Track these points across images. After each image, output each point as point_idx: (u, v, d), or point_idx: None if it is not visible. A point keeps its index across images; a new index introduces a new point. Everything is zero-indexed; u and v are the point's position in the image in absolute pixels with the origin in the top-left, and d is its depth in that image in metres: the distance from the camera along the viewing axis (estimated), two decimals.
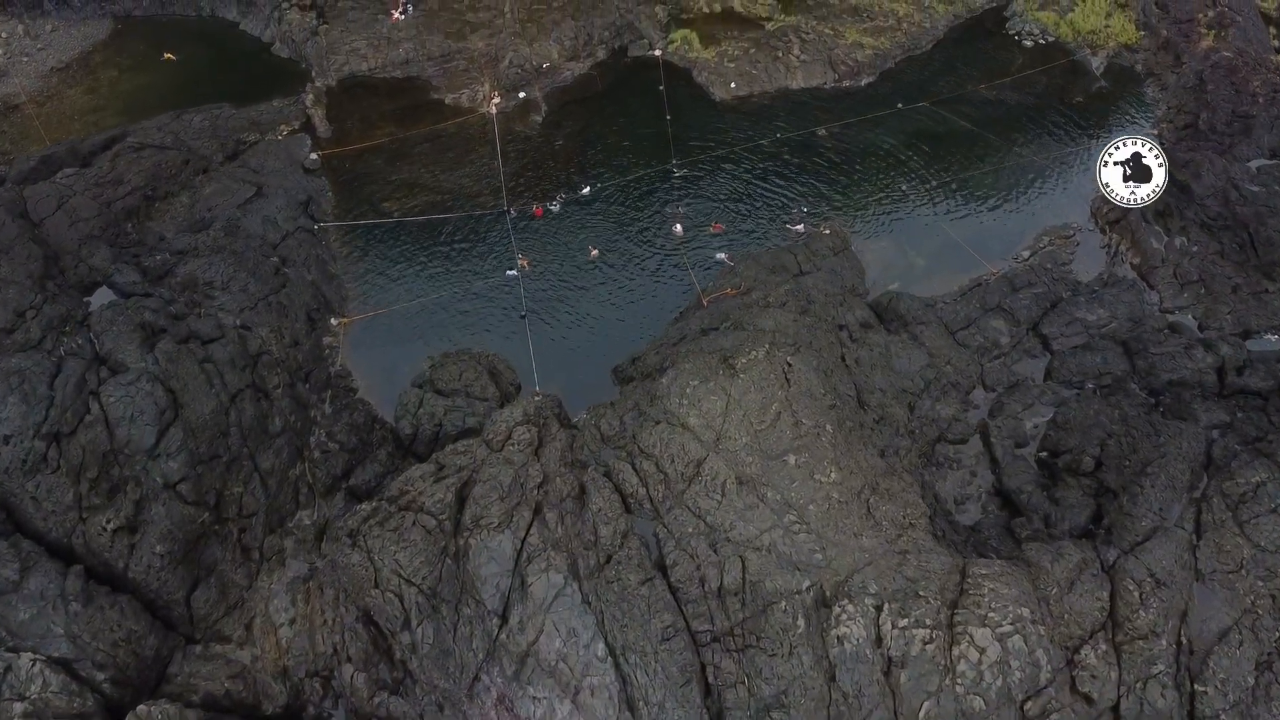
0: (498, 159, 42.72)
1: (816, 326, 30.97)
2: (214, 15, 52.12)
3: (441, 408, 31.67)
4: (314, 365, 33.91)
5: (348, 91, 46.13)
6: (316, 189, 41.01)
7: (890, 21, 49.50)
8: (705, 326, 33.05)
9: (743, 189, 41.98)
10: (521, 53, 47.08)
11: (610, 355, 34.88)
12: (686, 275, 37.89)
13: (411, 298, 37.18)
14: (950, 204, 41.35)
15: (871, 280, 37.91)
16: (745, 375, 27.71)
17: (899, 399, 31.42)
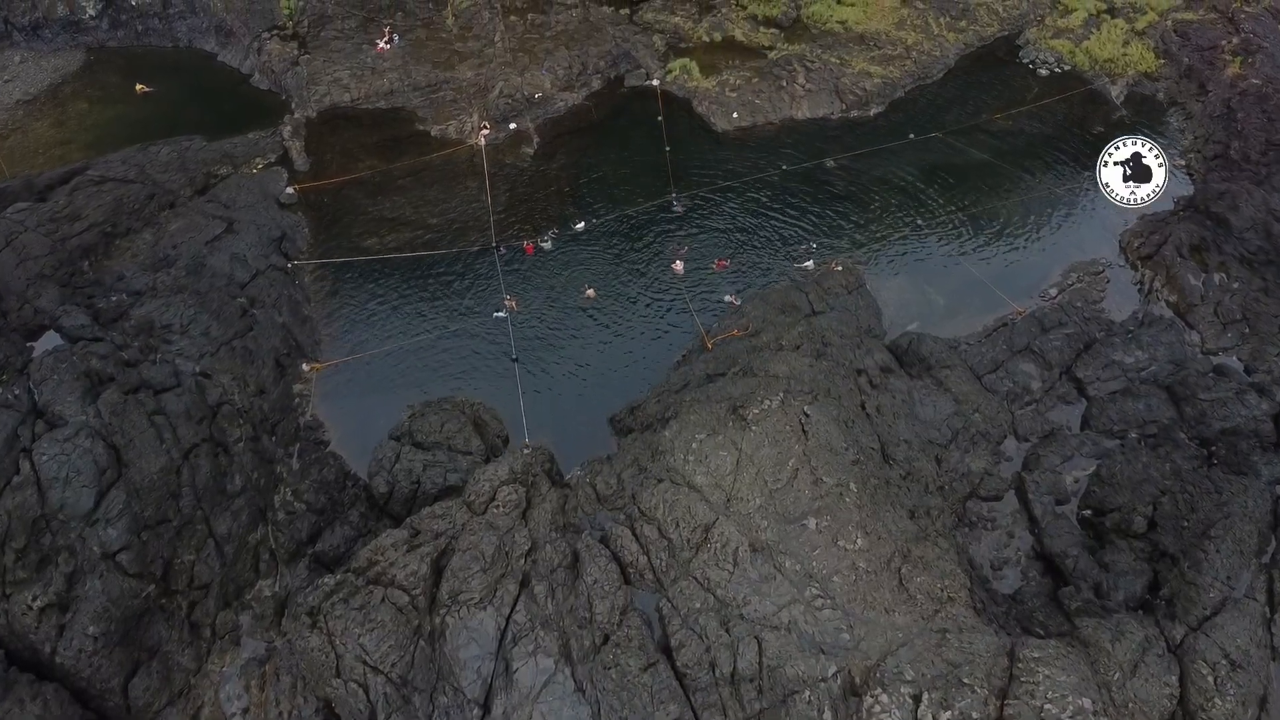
0: (486, 193, 40.14)
1: (834, 372, 28.10)
2: (191, 46, 49.88)
3: (420, 463, 28.61)
4: (281, 416, 30.91)
5: (328, 123, 43.67)
6: (291, 225, 38.29)
7: (899, 50, 47.36)
8: (711, 372, 30.17)
9: (747, 224, 39.37)
10: (512, 82, 44.74)
11: (606, 403, 31.94)
12: (689, 316, 35.11)
13: (391, 341, 34.29)
14: (969, 239, 38.75)
15: (888, 320, 35.15)
16: (758, 427, 24.76)
17: (925, 451, 28.46)
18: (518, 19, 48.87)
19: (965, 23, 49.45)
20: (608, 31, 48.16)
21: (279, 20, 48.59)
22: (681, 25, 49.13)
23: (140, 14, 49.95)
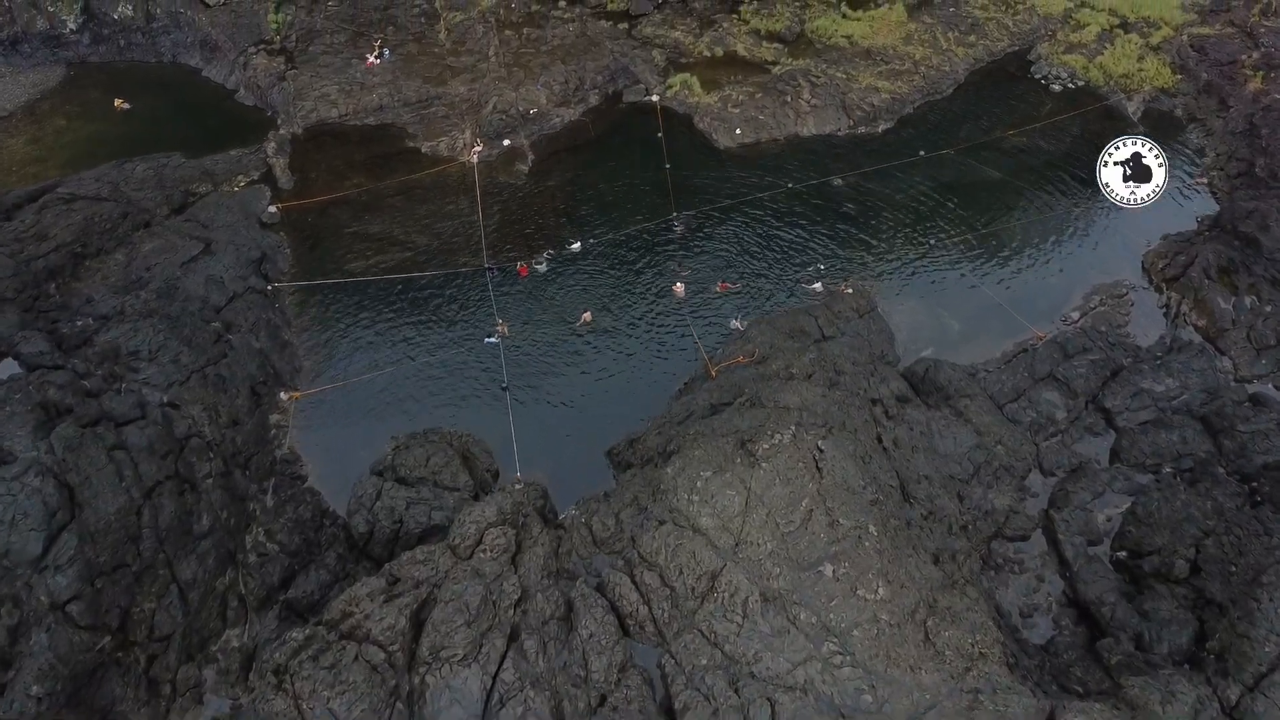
0: (478, 212, 38.33)
1: (848, 403, 26.14)
2: (175, 61, 48.25)
3: (403, 500, 26.56)
4: (256, 449, 28.88)
5: (314, 140, 41.92)
6: (272, 245, 36.42)
7: (907, 65, 45.77)
8: (715, 402, 28.20)
9: (751, 244, 37.54)
10: (506, 97, 43.05)
11: (604, 435, 29.94)
12: (691, 341, 33.20)
13: (375, 368, 32.32)
14: (984, 260, 36.92)
15: (902, 346, 33.24)
16: (768, 464, 22.76)
17: (947, 487, 26.46)
18: (513, 33, 47.33)
19: (974, 37, 47.93)
20: (605, 46, 46.57)
21: (266, 35, 47.10)
22: (682, 40, 47.56)
23: (123, 29, 48.36)
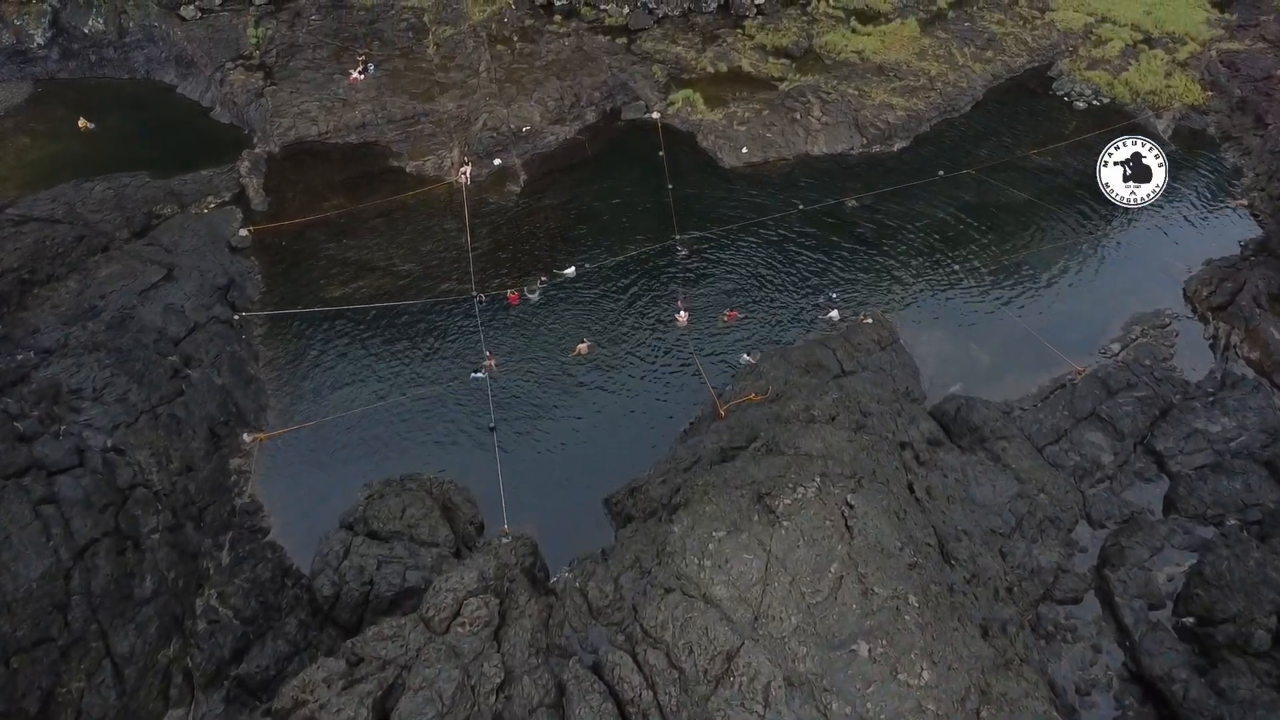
0: (466, 235, 35.54)
1: (877, 448, 23.18)
2: (149, 78, 45.57)
3: (375, 558, 23.50)
4: (212, 498, 25.87)
5: (292, 159, 39.21)
6: (242, 271, 33.58)
7: (922, 81, 43.26)
8: (726, 445, 25.26)
9: (760, 270, 34.75)
10: (497, 114, 40.43)
11: (601, 481, 26.99)
12: (697, 376, 30.32)
13: (350, 406, 29.37)
14: (1013, 287, 34.14)
15: (928, 381, 30.37)
16: (790, 523, 19.77)
17: (988, 544, 23.46)
18: (505, 48, 44.83)
19: (992, 53, 45.50)
20: (603, 61, 44.07)
21: (245, 50, 44.52)
22: (683, 55, 45.07)
23: (94, 43, 45.71)
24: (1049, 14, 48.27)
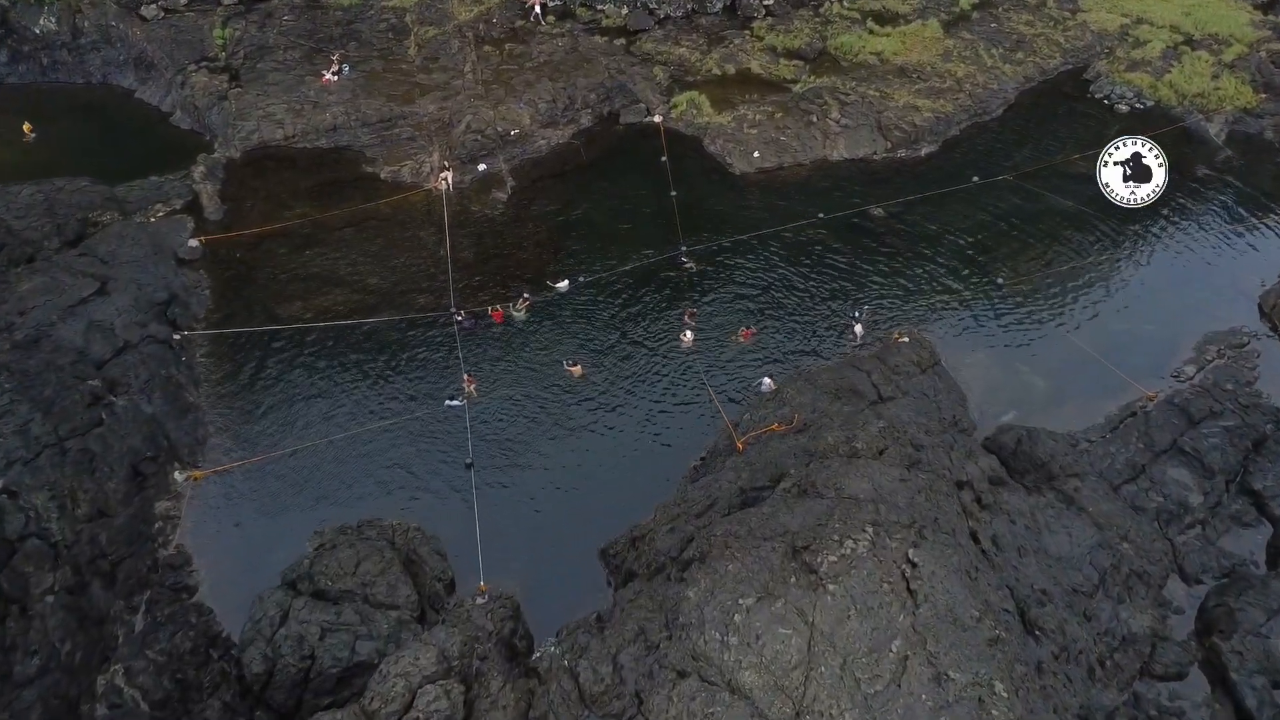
0: (445, 246, 31.51)
1: (935, 489, 18.92)
2: (105, 82, 41.76)
3: (318, 626, 19.14)
4: (129, 550, 21.53)
5: (254, 164, 35.29)
6: (187, 285, 29.50)
7: (948, 83, 39.59)
8: (747, 485, 21.00)
9: (777, 284, 30.71)
10: (483, 116, 36.59)
11: (597, 528, 22.72)
12: (706, 403, 26.17)
13: (306, 439, 25.14)
14: (1066, 304, 30.13)
15: (976, 408, 26.22)
16: (838, 587, 15.48)
17: (1072, 606, 19.14)
18: (493, 49, 41.14)
19: (1023, 54, 41.90)
20: (600, 63, 40.36)
21: (210, 51, 40.76)
22: (687, 57, 41.40)
23: (45, 45, 41.91)
24: (1080, 15, 44.78)
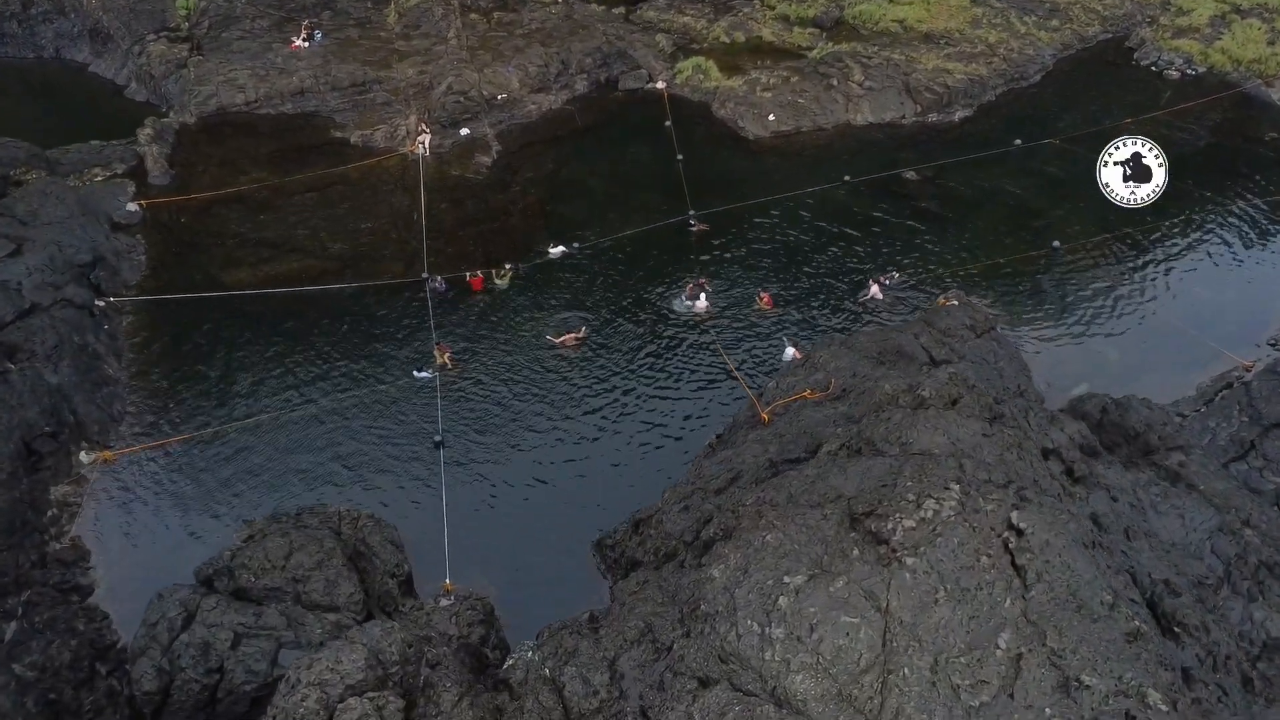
0: (420, 211, 27.60)
1: (1025, 448, 14.71)
2: (59, 57, 38.09)
3: (230, 631, 14.83)
4: (7, 543, 17.25)
5: (211, 130, 31.51)
6: (119, 250, 25.54)
7: (980, 48, 35.98)
8: (777, 457, 16.78)
9: (800, 249, 26.80)
10: (467, 78, 32.88)
11: (590, 516, 18.50)
12: (719, 376, 22.07)
13: (243, 417, 20.98)
14: (1135, 270, 26.29)
15: (1042, 379, 22.07)
16: (918, 560, 11.24)
17: (1202, 599, 14.83)
18: (480, 17, 37.60)
19: (1058, 22, 38.37)
20: (597, 29, 36.79)
21: (172, 21, 37.17)
22: (692, 25, 37.86)
23: None
24: None
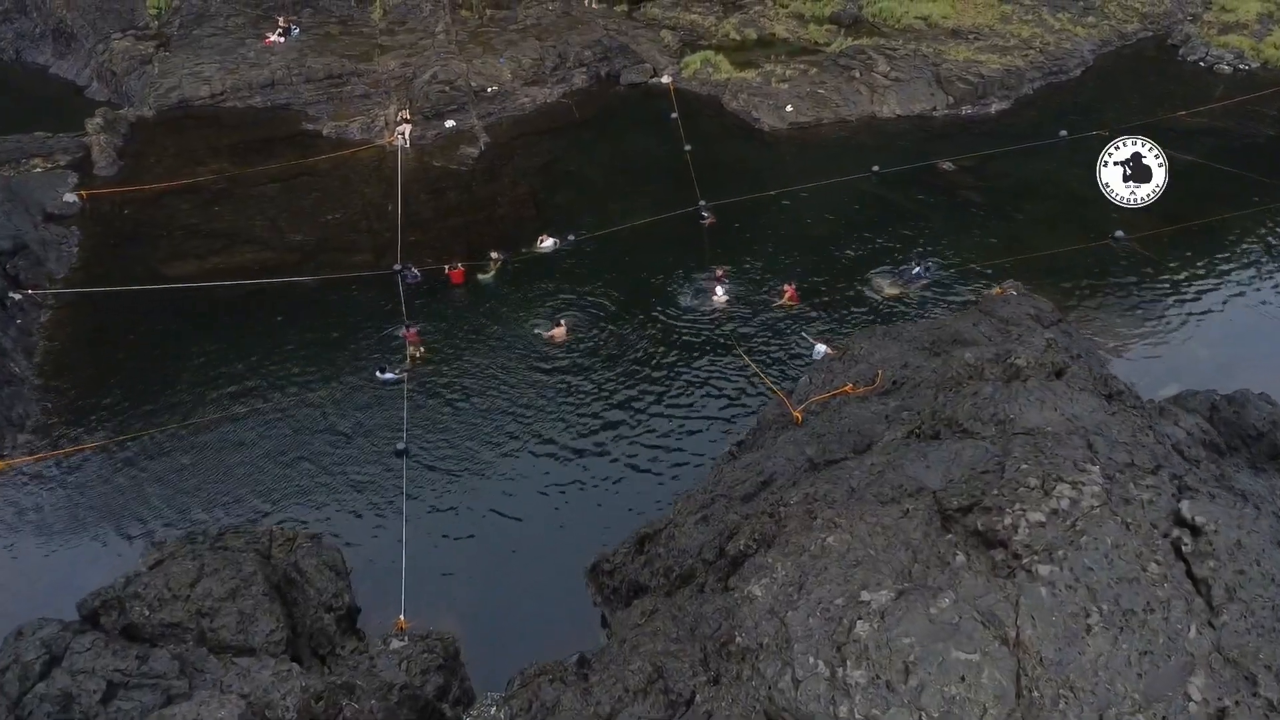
0: (395, 202, 24.41)
1: (1157, 434, 11.21)
2: (20, 60, 35.50)
3: (102, 679, 11.19)
4: None
5: (170, 123, 28.62)
6: (47, 240, 22.34)
7: (1013, 42, 33.14)
8: (816, 456, 13.24)
9: (826, 242, 23.54)
10: (453, 68, 30.01)
11: (582, 537, 14.89)
12: (737, 376, 18.62)
13: (169, 422, 17.49)
14: (1214, 264, 23.05)
15: (1124, 377, 18.55)
16: (1056, 570, 7.60)
17: None
18: (471, 14, 34.90)
19: (1094, 18, 35.67)
20: (598, 24, 34.08)
21: (141, 20, 34.51)
22: (699, 22, 35.15)
23: None
24: None
